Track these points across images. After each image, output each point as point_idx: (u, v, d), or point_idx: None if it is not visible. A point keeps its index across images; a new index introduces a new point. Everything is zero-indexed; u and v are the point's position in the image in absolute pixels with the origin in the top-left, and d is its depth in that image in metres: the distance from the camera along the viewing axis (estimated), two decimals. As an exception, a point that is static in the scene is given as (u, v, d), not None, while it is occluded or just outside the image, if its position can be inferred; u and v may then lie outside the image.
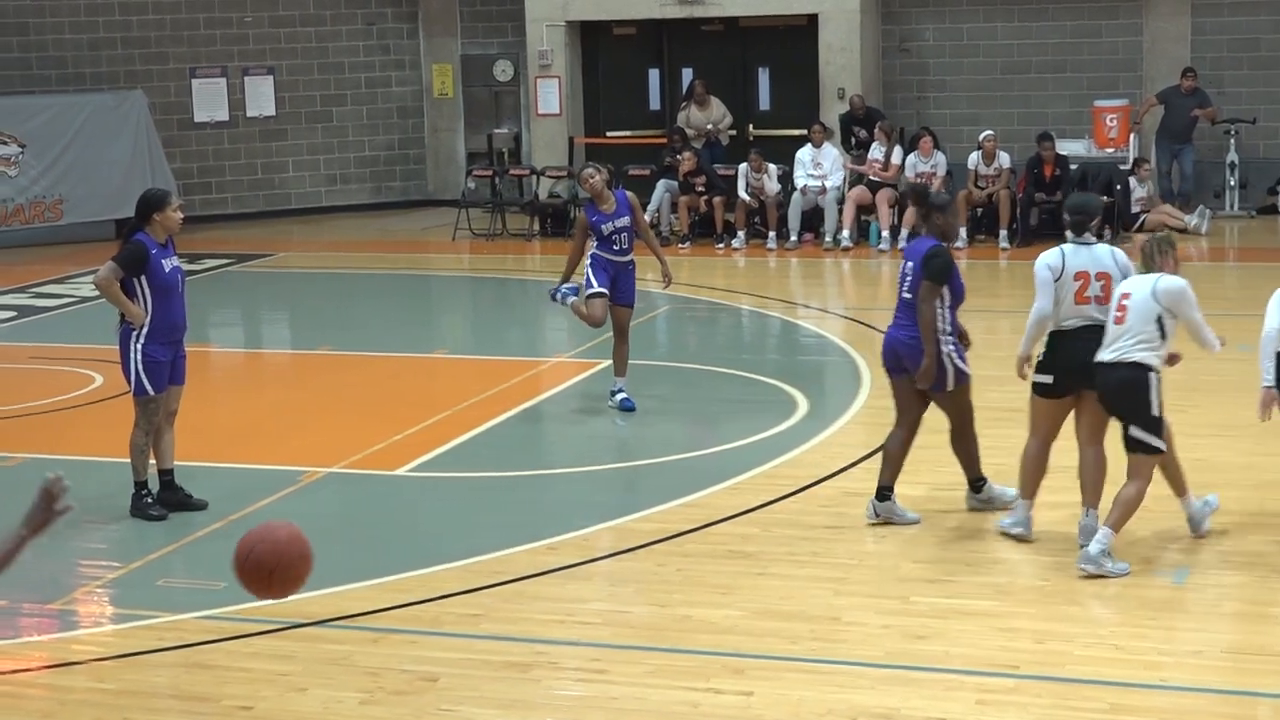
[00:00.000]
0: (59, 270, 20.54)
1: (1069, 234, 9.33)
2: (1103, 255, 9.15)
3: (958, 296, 9.60)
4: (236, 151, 25.16)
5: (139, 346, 9.99)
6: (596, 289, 12.38)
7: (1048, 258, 9.20)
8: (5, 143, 22.69)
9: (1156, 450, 8.78)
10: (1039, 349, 9.29)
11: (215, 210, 24.62)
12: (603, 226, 12.36)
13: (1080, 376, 9.01)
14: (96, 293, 10.57)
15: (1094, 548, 8.66)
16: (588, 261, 12.48)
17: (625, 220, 12.43)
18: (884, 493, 9.65)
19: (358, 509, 10.75)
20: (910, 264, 9.60)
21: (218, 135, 25.03)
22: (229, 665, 8.01)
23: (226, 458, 11.72)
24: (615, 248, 12.42)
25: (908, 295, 9.53)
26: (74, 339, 16.19)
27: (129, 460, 10.24)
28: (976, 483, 9.82)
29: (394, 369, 15.10)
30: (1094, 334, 8.94)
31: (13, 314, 18.22)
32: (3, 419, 13.07)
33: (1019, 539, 9.25)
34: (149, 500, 10.24)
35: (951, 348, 9.48)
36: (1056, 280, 9.10)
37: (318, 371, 15.29)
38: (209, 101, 24.90)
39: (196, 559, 9.72)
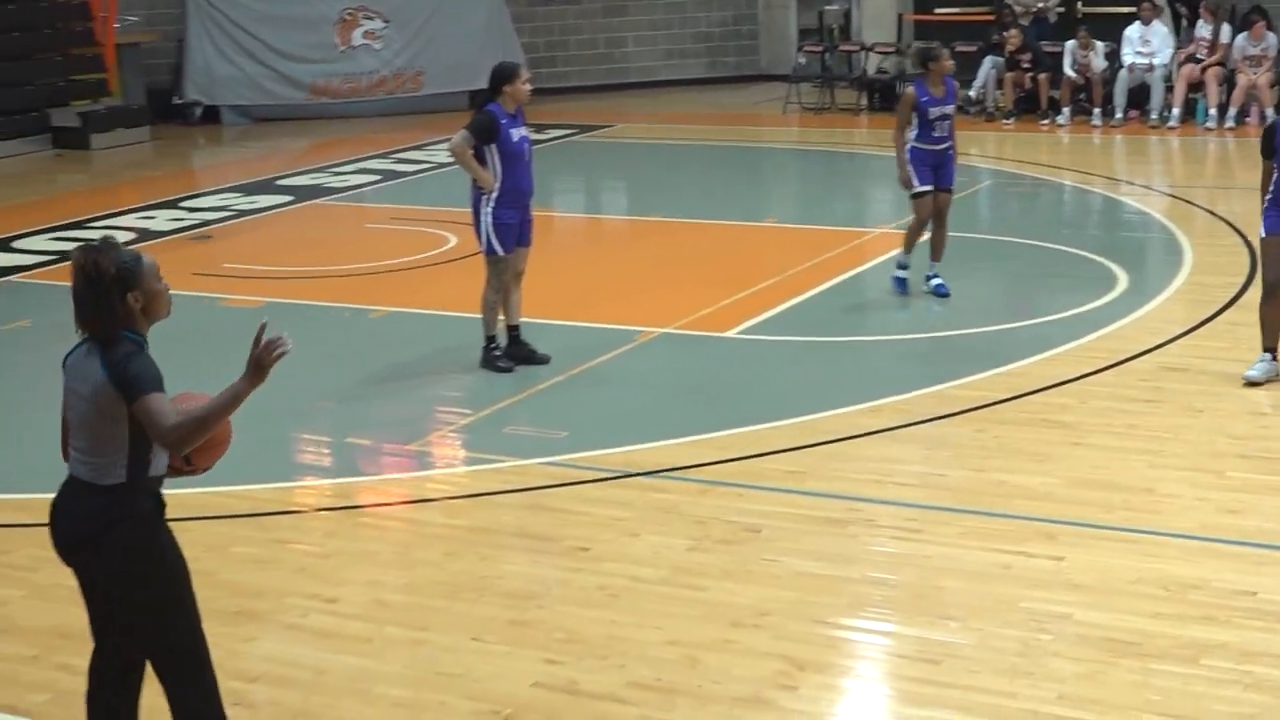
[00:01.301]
0: (418, 138, 21.10)
1: None
2: None
3: None
4: (580, 27, 25.37)
5: (489, 210, 10.21)
6: (919, 188, 11.94)
7: None
8: (371, 17, 23.34)
9: None
10: None
11: (559, 83, 24.87)
12: (931, 110, 11.80)
13: None
14: (452, 159, 10.81)
15: None
16: (906, 158, 11.95)
17: (951, 108, 11.95)
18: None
19: (689, 368, 10.86)
20: None
21: (563, 11, 25.27)
22: (568, 509, 8.22)
23: (568, 316, 11.92)
24: (936, 134, 11.86)
25: None
26: (431, 202, 16.62)
27: (480, 316, 10.53)
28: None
29: (725, 236, 15.16)
30: None
31: (376, 178, 18.82)
32: (367, 274, 13.58)
33: None
34: (497, 353, 10.52)
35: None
36: None
37: (653, 237, 15.45)
38: (557, -22, 25.17)
39: (540, 409, 9.95)
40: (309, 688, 6.40)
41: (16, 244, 15.20)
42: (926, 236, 12.16)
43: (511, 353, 10.56)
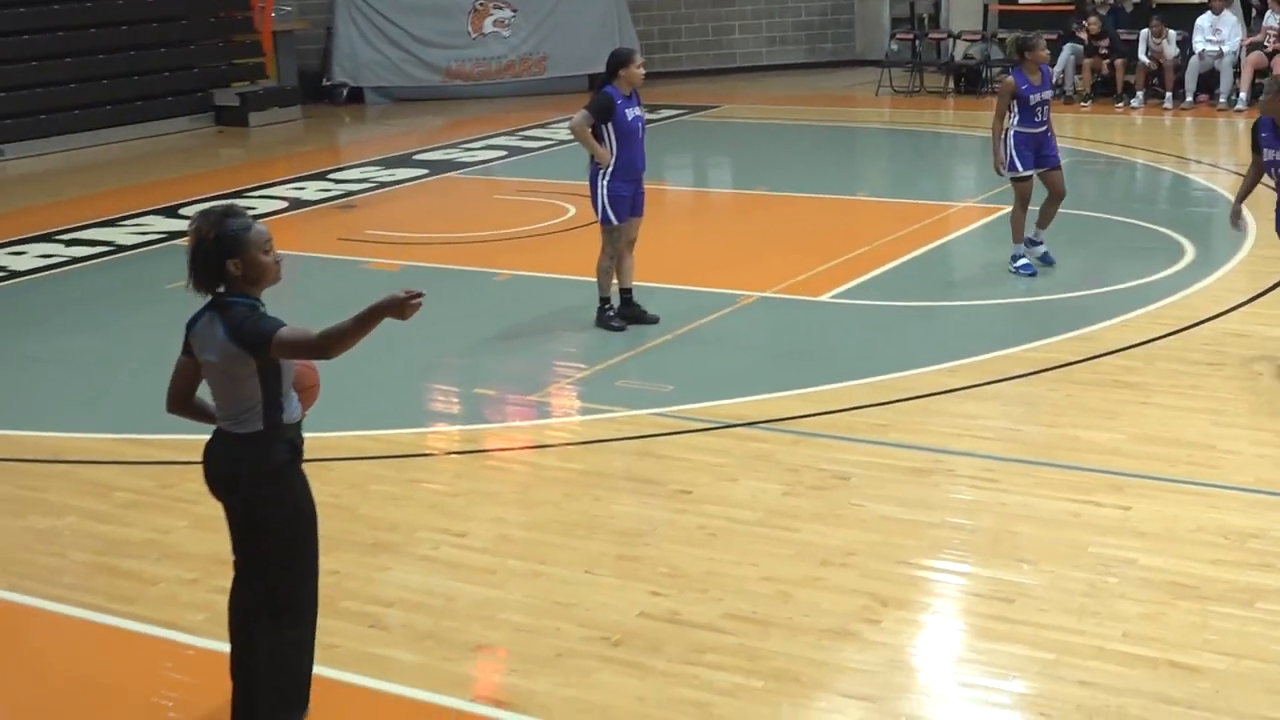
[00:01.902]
0: (541, 117, 21.13)
1: None
2: None
3: None
4: (691, 16, 25.25)
5: (605, 183, 10.22)
6: (1023, 173, 11.60)
7: None
8: (500, 7, 23.37)
9: None
10: None
11: (671, 67, 24.77)
12: (1031, 96, 11.45)
13: None
14: (571, 136, 10.81)
15: None
16: (1010, 143, 11.59)
17: (1049, 93, 11.64)
18: None
19: (784, 329, 10.83)
20: None
21: (675, 1, 25.15)
22: (674, 455, 8.24)
23: (676, 280, 11.90)
24: (1036, 119, 11.52)
25: None
26: (552, 175, 16.64)
27: (595, 279, 10.56)
28: None
29: (819, 209, 15.08)
30: None
31: (503, 153, 18.87)
32: (494, 241, 13.66)
33: None
34: (611, 314, 10.54)
35: None
36: None
37: (754, 209, 15.39)
38: (670, -29, 25.04)
39: (649, 365, 9.96)
40: (439, 613, 6.48)
41: (183, 211, 15.43)
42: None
43: (623, 313, 10.58)
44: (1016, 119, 11.61)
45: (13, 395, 9.89)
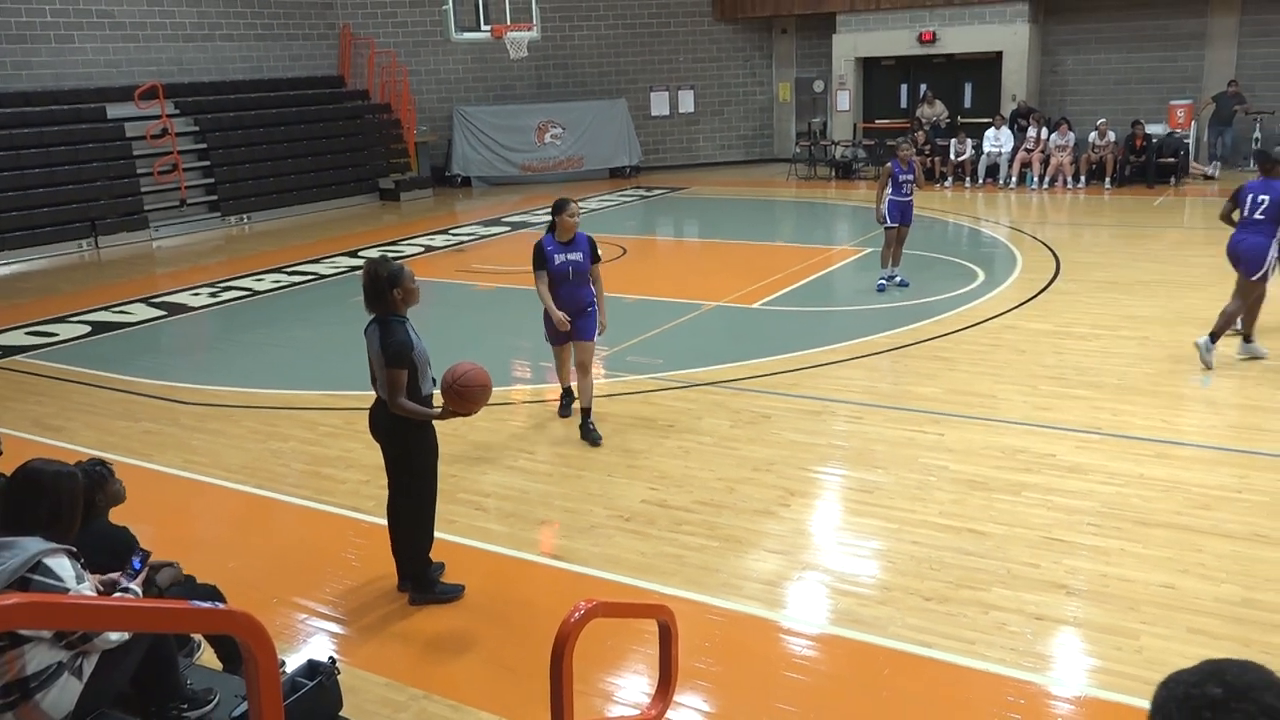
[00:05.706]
0: (581, 194, 20.94)
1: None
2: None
3: None
4: (674, 131, 25.09)
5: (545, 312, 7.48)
6: (889, 224, 11.56)
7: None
8: (555, 126, 23.23)
9: None
10: None
11: (661, 163, 24.69)
12: (900, 177, 11.47)
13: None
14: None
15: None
16: (886, 205, 11.56)
17: (912, 176, 11.59)
18: (1248, 337, 8.54)
19: (732, 326, 10.77)
20: (1266, 197, 8.23)
21: (663, 123, 25.00)
22: (663, 404, 8.21)
23: (664, 294, 11.84)
24: (904, 191, 11.52)
25: (1260, 216, 8.23)
26: (594, 230, 16.47)
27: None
28: (1248, 336, 8.63)
29: (751, 250, 14.96)
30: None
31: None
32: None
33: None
34: (563, 403, 8.02)
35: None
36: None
37: (712, 251, 15.28)
38: (659, 104, 24.79)
39: (647, 347, 9.87)
40: (518, 500, 6.47)
41: (360, 253, 15.40)
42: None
43: (573, 419, 7.83)
44: (890, 190, 11.56)
45: (258, 366, 9.88)
